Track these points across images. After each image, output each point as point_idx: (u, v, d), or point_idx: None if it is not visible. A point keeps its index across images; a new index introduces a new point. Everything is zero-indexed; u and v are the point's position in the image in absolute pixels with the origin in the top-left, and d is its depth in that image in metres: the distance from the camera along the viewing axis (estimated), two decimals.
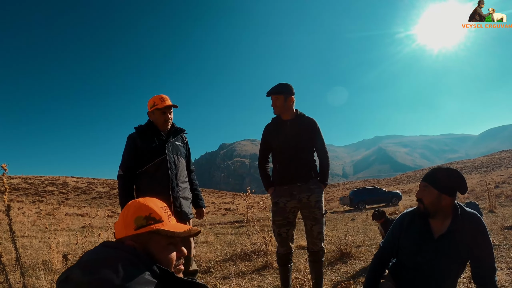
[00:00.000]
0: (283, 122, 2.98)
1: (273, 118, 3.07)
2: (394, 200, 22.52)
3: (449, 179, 1.86)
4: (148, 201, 1.19)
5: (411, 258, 1.96)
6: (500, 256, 3.82)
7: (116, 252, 1.03)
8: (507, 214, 7.09)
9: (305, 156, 2.95)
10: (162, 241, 1.13)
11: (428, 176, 1.92)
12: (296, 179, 2.88)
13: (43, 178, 42.70)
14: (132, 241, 1.10)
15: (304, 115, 3.04)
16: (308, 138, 2.97)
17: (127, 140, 2.75)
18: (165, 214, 1.19)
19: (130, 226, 1.12)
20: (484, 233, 1.84)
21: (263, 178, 3.07)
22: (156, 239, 1.13)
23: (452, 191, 1.85)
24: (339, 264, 4.39)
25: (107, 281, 0.92)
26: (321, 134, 3.04)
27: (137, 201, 1.18)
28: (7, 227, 2.89)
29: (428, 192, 1.88)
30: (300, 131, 2.94)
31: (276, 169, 2.99)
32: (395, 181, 65.78)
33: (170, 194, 2.66)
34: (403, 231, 2.03)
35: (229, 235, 8.80)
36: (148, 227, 1.12)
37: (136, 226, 1.11)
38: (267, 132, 3.06)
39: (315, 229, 2.87)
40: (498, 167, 48.64)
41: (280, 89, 2.91)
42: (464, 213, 1.87)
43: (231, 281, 3.78)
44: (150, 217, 1.13)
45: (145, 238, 1.11)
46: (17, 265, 2.98)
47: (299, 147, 2.93)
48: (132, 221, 1.12)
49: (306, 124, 2.99)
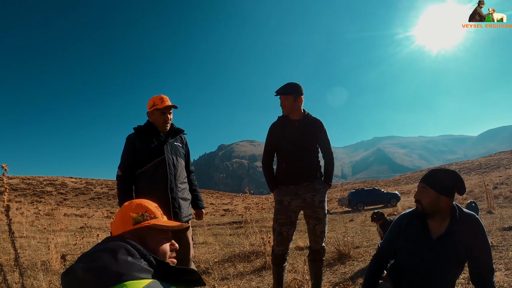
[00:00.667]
0: (291, 122, 2.96)
1: (280, 117, 3.04)
2: (393, 201, 22.54)
3: (447, 180, 1.86)
4: (143, 201, 1.35)
5: (409, 259, 1.96)
6: (498, 257, 3.83)
7: (115, 243, 1.12)
8: (505, 215, 7.11)
9: (311, 157, 2.96)
10: (157, 235, 1.28)
11: (427, 177, 1.92)
12: (302, 179, 2.88)
13: (42, 178, 42.58)
14: (130, 235, 1.23)
15: (311, 115, 3.03)
16: (315, 139, 2.98)
17: (126, 141, 2.75)
18: (159, 212, 1.35)
19: (128, 223, 1.25)
20: (482, 234, 1.84)
21: (268, 180, 3.03)
22: (152, 233, 1.27)
23: (450, 192, 1.85)
24: (338, 265, 4.40)
25: (106, 267, 1.00)
26: (327, 135, 3.05)
27: (133, 201, 1.34)
28: (5, 228, 2.89)
29: (426, 193, 1.88)
30: (308, 132, 2.94)
31: (282, 169, 2.97)
32: (394, 182, 65.83)
33: (169, 195, 2.65)
34: (401, 232, 2.03)
35: (227, 236, 8.79)
36: (145, 222, 1.26)
37: (134, 222, 1.25)
38: (273, 131, 3.02)
39: (318, 228, 2.88)
40: (496, 168, 48.72)
41: (290, 90, 2.90)
42: (462, 214, 1.88)
43: (229, 282, 3.78)
44: (146, 214, 1.28)
45: (142, 232, 1.25)
46: (16, 266, 2.97)
47: (306, 147, 2.93)
48: (130, 218, 1.26)
49: (314, 125, 2.99)
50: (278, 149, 3.04)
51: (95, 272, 0.99)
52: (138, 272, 1.02)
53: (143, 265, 1.07)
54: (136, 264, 1.05)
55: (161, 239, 1.29)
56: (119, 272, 0.99)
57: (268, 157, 3.09)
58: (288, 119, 2.99)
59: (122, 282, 0.97)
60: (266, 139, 3.11)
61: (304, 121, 2.97)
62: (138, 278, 1.01)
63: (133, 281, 0.99)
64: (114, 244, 1.11)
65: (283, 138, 2.96)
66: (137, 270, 1.03)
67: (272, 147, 3.05)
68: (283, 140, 2.96)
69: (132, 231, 1.23)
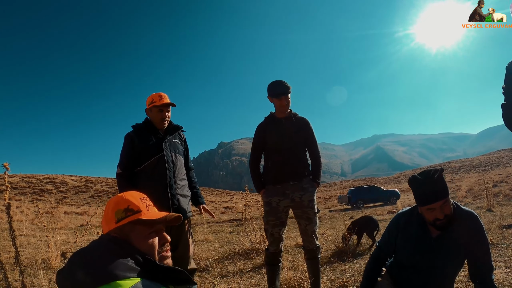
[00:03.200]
0: (279, 120, 2.96)
1: (267, 117, 3.04)
2: (392, 199, 22.58)
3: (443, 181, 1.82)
4: (126, 194, 1.25)
5: (409, 258, 1.96)
6: (498, 254, 3.83)
7: (100, 242, 1.11)
8: (505, 213, 7.12)
9: (299, 155, 2.95)
10: (144, 230, 1.19)
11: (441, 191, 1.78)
12: (289, 177, 2.87)
13: (42, 176, 42.59)
14: (115, 233, 1.17)
15: (297, 114, 3.04)
16: (302, 137, 2.97)
17: (125, 139, 2.74)
18: (143, 204, 1.25)
19: (111, 220, 1.19)
20: (481, 231, 1.84)
21: (255, 180, 3.03)
22: (137, 229, 1.18)
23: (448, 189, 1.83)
24: (337, 262, 4.40)
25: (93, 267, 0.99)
26: (314, 134, 3.05)
27: (115, 196, 1.26)
28: (6, 226, 2.89)
29: (448, 205, 1.81)
30: (295, 130, 2.94)
31: (269, 168, 2.96)
32: (394, 180, 65.91)
33: (168, 192, 2.65)
34: (400, 231, 2.03)
35: (227, 234, 8.80)
36: (127, 218, 1.18)
37: (116, 219, 1.18)
38: (262, 130, 3.01)
39: (309, 228, 2.87)
40: (496, 166, 48.79)
41: (288, 86, 2.89)
42: (461, 212, 1.88)
43: (229, 279, 3.78)
44: (128, 209, 1.19)
45: (127, 229, 1.18)
46: (16, 264, 2.97)
47: (294, 145, 2.92)
48: (113, 215, 1.19)
49: (301, 123, 2.99)
50: (265, 148, 3.03)
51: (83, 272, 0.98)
52: (124, 271, 1.00)
53: (130, 263, 1.05)
54: (122, 263, 1.02)
55: (148, 234, 1.20)
56: (106, 271, 0.97)
57: (255, 157, 3.08)
58: (275, 118, 2.99)
59: (108, 282, 0.96)
60: (253, 139, 3.10)
61: (291, 119, 2.97)
62: (125, 278, 0.98)
63: (120, 281, 0.97)
64: (99, 243, 1.10)
65: (269, 136, 2.96)
66: (123, 270, 1.00)
67: (259, 146, 3.04)
68: (270, 139, 2.95)
69: (116, 229, 1.17)
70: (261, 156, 3.08)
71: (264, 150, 3.05)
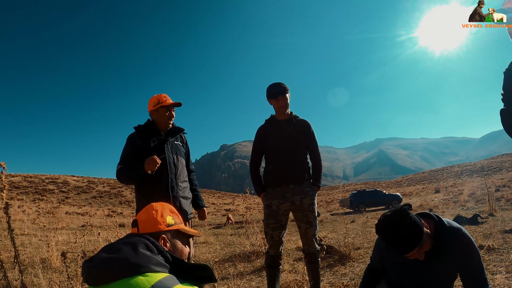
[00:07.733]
0: (279, 122, 2.96)
1: (267, 120, 3.04)
2: (394, 202, 22.47)
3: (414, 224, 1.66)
4: (171, 206, 1.47)
5: (398, 279, 1.96)
6: (499, 259, 3.81)
7: (136, 238, 1.21)
8: (507, 217, 7.08)
9: (300, 157, 2.94)
10: (182, 240, 1.41)
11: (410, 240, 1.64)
12: (290, 180, 2.86)
13: (44, 176, 42.71)
14: (164, 235, 1.33)
15: (297, 116, 3.03)
16: (303, 139, 2.96)
17: (127, 140, 2.75)
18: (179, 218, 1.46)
19: (160, 224, 1.34)
20: (468, 246, 1.80)
21: (255, 183, 3.02)
22: (179, 237, 1.39)
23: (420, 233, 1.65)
24: (338, 266, 4.39)
25: (125, 259, 1.07)
26: (315, 136, 3.04)
27: (163, 203, 1.45)
28: (6, 225, 2.90)
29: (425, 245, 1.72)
30: (296, 132, 2.93)
31: (269, 171, 2.95)
32: (396, 184, 65.69)
33: (170, 194, 2.65)
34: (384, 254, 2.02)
35: (228, 236, 8.80)
36: (175, 225, 1.38)
37: (168, 224, 1.36)
38: (262, 133, 3.01)
39: (309, 232, 2.86)
40: (499, 171, 48.52)
41: (285, 86, 2.89)
42: (445, 232, 1.81)
43: (229, 281, 3.77)
44: (176, 218, 1.41)
45: (169, 236, 1.35)
46: (16, 263, 2.98)
47: (295, 147, 2.92)
48: (164, 219, 1.36)
49: (301, 125, 2.99)
50: (266, 151, 3.02)
51: (116, 262, 1.07)
52: (155, 265, 1.10)
53: (160, 260, 1.15)
54: (154, 258, 1.12)
55: (185, 243, 1.42)
56: (138, 263, 1.07)
57: (255, 160, 3.07)
58: (276, 120, 2.98)
59: (140, 273, 1.05)
60: (254, 141, 3.10)
61: (291, 121, 2.96)
62: (155, 271, 1.08)
63: (151, 274, 1.06)
64: (135, 239, 1.19)
65: (270, 139, 2.95)
66: (154, 264, 1.10)
67: (260, 148, 3.04)
68: (271, 141, 2.95)
69: (164, 232, 1.33)
70: (261, 158, 3.08)
71: (264, 153, 3.05)
